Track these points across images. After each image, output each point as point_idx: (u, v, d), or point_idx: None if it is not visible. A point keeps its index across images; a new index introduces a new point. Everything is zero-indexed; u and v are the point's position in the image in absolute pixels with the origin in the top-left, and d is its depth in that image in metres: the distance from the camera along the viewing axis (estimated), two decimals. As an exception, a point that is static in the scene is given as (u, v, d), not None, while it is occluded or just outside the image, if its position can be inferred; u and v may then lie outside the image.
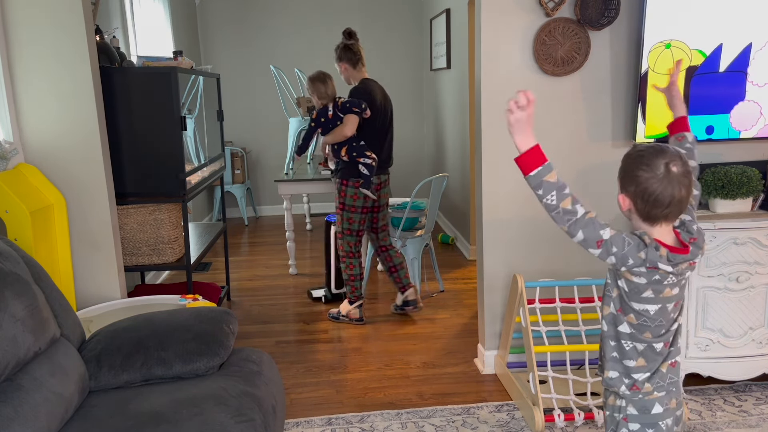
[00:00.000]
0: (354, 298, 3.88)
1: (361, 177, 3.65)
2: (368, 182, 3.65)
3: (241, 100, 6.94)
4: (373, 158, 3.64)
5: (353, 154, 3.63)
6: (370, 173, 3.64)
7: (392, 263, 3.94)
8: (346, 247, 3.82)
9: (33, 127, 2.72)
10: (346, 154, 3.65)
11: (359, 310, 3.88)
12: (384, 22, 6.96)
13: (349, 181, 3.69)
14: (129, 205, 3.13)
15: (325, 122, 3.68)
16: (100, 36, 3.05)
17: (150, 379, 2.05)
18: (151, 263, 3.21)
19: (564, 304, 2.81)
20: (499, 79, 2.93)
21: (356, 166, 3.65)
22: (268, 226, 6.70)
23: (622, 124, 3.03)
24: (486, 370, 3.17)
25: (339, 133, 3.61)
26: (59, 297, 2.06)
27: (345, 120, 3.61)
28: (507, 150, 3.00)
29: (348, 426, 2.69)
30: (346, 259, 3.84)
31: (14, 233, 2.47)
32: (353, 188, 3.69)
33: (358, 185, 3.67)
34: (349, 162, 3.66)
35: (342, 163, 3.71)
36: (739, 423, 2.63)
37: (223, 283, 4.69)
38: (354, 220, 3.76)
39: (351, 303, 3.88)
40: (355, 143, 3.64)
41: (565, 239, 3.11)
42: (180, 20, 5.96)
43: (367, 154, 3.64)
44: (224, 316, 2.27)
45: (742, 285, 2.78)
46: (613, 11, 2.83)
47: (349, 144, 3.63)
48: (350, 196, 3.71)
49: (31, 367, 1.78)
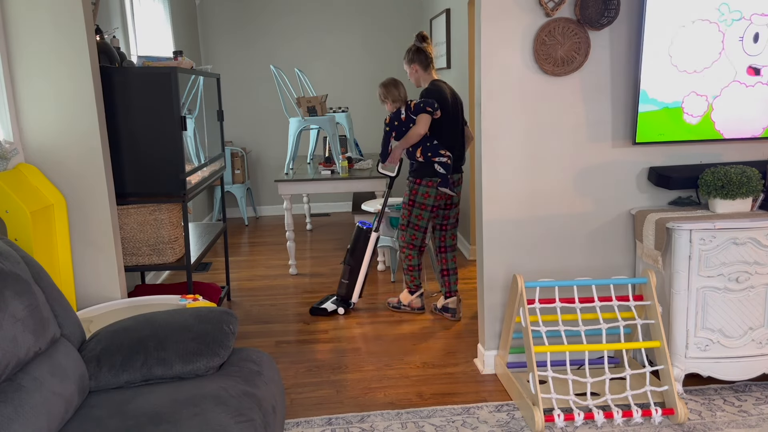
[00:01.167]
0: (414, 287, 4.01)
1: (437, 176, 3.73)
2: (446, 180, 3.72)
3: (241, 100, 6.95)
4: (447, 156, 3.71)
5: (428, 154, 3.71)
6: (446, 171, 3.72)
7: (446, 266, 4.01)
8: (409, 240, 3.91)
9: (33, 127, 2.72)
10: (422, 155, 3.72)
11: (420, 299, 4.02)
12: (384, 22, 6.96)
13: (422, 180, 3.76)
14: (129, 205, 3.13)
15: (399, 125, 3.77)
16: (100, 36, 3.05)
17: (150, 379, 2.05)
18: (151, 263, 3.21)
19: (564, 304, 2.81)
20: (499, 79, 2.93)
21: (431, 166, 3.72)
22: (268, 226, 6.70)
23: (622, 124, 3.03)
24: (486, 370, 3.17)
25: (413, 133, 3.67)
26: (59, 297, 2.06)
27: (417, 120, 3.68)
28: (507, 150, 3.00)
29: (348, 426, 2.69)
30: (406, 250, 3.94)
31: (14, 233, 2.47)
32: (426, 186, 3.76)
33: (431, 184, 3.75)
34: (424, 162, 3.74)
35: (416, 164, 3.78)
36: (738, 423, 2.63)
37: (223, 283, 4.69)
38: (423, 217, 3.84)
39: (412, 293, 4.01)
40: (429, 143, 3.72)
41: (565, 239, 3.11)
42: (180, 20, 5.96)
43: (442, 153, 3.71)
44: (224, 316, 2.27)
45: (742, 285, 2.78)
46: (613, 11, 2.84)
47: (423, 144, 3.71)
48: (422, 194, 3.78)
49: (32, 367, 1.79)
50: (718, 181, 2.83)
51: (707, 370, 2.85)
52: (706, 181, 2.87)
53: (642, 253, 2.99)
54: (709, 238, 2.73)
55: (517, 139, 2.99)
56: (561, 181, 3.05)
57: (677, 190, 3.10)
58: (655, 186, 3.07)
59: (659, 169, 3.02)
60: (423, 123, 3.66)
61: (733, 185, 2.81)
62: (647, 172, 3.08)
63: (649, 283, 2.78)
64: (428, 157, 3.71)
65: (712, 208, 2.91)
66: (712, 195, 2.87)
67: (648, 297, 2.80)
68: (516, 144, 2.99)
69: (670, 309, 2.84)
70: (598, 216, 3.10)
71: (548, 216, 3.08)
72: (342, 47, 6.97)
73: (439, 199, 3.82)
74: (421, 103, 3.71)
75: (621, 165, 3.06)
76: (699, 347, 2.84)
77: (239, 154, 6.59)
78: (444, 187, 3.72)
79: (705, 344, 2.83)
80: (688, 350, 2.84)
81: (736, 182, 2.81)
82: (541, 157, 3.02)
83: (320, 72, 6.97)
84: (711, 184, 2.86)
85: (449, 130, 3.79)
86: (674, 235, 2.77)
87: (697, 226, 2.72)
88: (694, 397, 2.86)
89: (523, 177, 3.03)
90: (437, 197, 3.79)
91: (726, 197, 2.84)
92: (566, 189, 3.06)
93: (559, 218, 3.08)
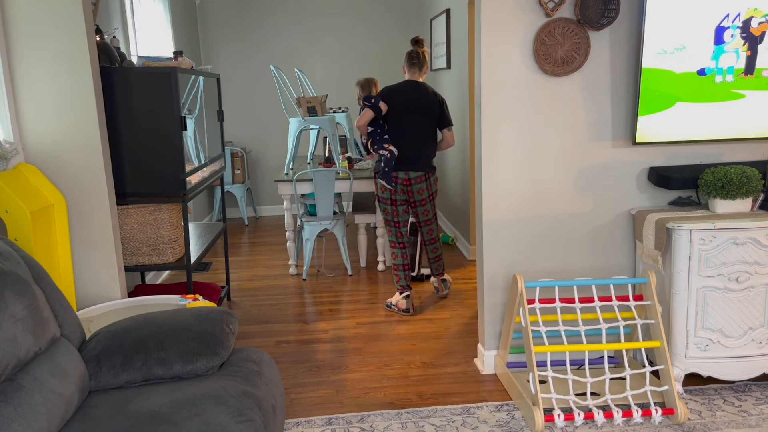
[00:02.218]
0: (401, 288, 4.04)
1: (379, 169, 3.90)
2: (384, 174, 3.81)
3: (241, 100, 6.95)
4: (389, 150, 3.80)
5: (375, 147, 3.89)
6: (386, 165, 3.79)
7: (430, 256, 4.22)
8: (389, 236, 4.09)
9: (33, 127, 2.72)
10: (370, 146, 3.94)
11: (406, 300, 3.97)
12: (384, 22, 6.96)
13: (378, 175, 3.94)
14: (129, 205, 3.13)
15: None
16: (100, 36, 3.05)
17: (150, 379, 2.05)
18: (151, 263, 3.21)
19: (564, 304, 2.81)
20: (499, 79, 2.93)
21: (380, 159, 3.92)
22: (268, 226, 6.70)
23: (622, 124, 3.03)
24: (486, 370, 3.17)
25: (357, 123, 3.95)
26: (59, 297, 2.06)
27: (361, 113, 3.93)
28: (507, 150, 3.00)
29: (348, 426, 2.69)
30: (391, 249, 4.09)
31: (14, 233, 2.47)
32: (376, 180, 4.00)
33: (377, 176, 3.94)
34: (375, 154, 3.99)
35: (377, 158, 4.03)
36: (738, 423, 2.63)
37: (223, 283, 4.69)
38: (388, 212, 3.99)
39: (400, 293, 4.03)
40: (378, 137, 3.87)
41: (565, 239, 3.11)
42: (180, 20, 5.96)
43: (385, 147, 3.82)
44: (224, 316, 2.27)
45: (742, 285, 2.78)
46: (613, 11, 2.84)
47: (373, 137, 3.90)
48: (379, 188, 3.99)
49: (32, 367, 1.79)
50: (718, 181, 2.83)
51: (707, 370, 2.85)
52: (706, 181, 2.87)
53: (642, 253, 2.99)
54: (709, 238, 2.74)
55: (517, 139, 2.99)
56: (561, 181, 3.05)
57: (677, 190, 3.10)
58: (655, 186, 3.07)
59: (659, 169, 3.02)
60: (362, 115, 3.89)
61: (733, 185, 2.81)
62: (647, 172, 3.08)
63: (649, 283, 2.79)
64: (375, 149, 3.89)
65: (712, 208, 2.91)
66: (712, 195, 2.88)
67: (648, 297, 2.80)
68: (516, 144, 2.99)
69: (670, 309, 2.84)
70: (598, 216, 3.10)
71: (548, 216, 3.08)
72: (342, 47, 6.97)
73: (393, 194, 3.91)
74: (364, 97, 3.93)
75: (621, 165, 3.06)
76: (699, 347, 2.84)
77: (239, 154, 6.59)
78: (383, 180, 3.84)
79: (705, 344, 2.83)
80: (688, 350, 2.84)
81: (736, 182, 2.81)
82: (541, 157, 3.02)
83: (320, 72, 6.97)
84: (711, 184, 2.86)
85: (400, 126, 3.87)
86: (674, 235, 2.77)
87: (697, 226, 2.72)
88: (694, 397, 2.86)
89: (523, 177, 3.03)
90: (392, 191, 3.91)
91: (726, 197, 2.84)
92: (566, 189, 3.06)
93: (559, 218, 3.09)
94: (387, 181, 3.84)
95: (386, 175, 3.82)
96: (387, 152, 3.79)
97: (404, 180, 3.88)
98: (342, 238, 4.82)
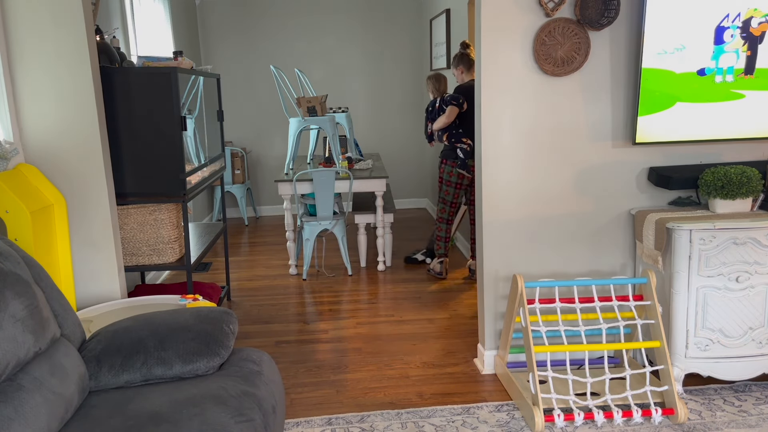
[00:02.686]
0: (440, 255, 4.72)
1: (458, 159, 4.45)
2: (464, 163, 4.44)
3: (241, 100, 6.95)
4: (468, 144, 4.43)
5: (452, 140, 4.47)
6: (465, 156, 4.43)
7: (473, 236, 4.72)
8: (439, 213, 4.69)
9: (33, 127, 2.72)
10: (447, 140, 4.49)
11: (441, 265, 4.70)
12: (384, 22, 6.96)
13: (448, 161, 4.53)
14: (129, 205, 3.13)
15: (432, 111, 4.57)
16: (100, 36, 3.05)
17: (150, 379, 2.05)
18: (151, 263, 3.21)
19: (564, 304, 2.81)
20: (499, 79, 2.93)
21: (455, 150, 4.47)
22: (268, 226, 6.71)
23: (622, 124, 3.03)
24: (486, 370, 3.17)
25: (441, 120, 4.43)
26: (59, 297, 2.06)
27: (447, 110, 4.40)
28: (507, 150, 3.00)
29: (348, 426, 2.69)
30: (437, 223, 4.71)
31: (14, 233, 2.47)
32: (450, 167, 4.51)
33: (454, 165, 4.48)
34: (449, 146, 4.49)
35: (444, 147, 4.55)
36: (738, 423, 2.63)
37: (223, 283, 4.69)
38: (449, 193, 4.59)
39: (437, 258, 4.73)
40: (455, 131, 4.46)
41: (565, 239, 3.11)
42: (180, 20, 5.96)
43: (464, 141, 4.43)
44: (224, 316, 2.27)
45: (742, 285, 2.78)
46: (613, 11, 2.84)
47: (450, 131, 4.48)
48: (447, 173, 4.55)
49: (32, 367, 1.79)
50: (718, 181, 2.83)
51: (707, 370, 2.85)
52: (706, 181, 2.87)
53: (642, 253, 2.99)
54: (709, 238, 2.74)
55: (516, 140, 2.99)
56: (561, 181, 3.05)
57: (677, 190, 3.10)
58: (655, 186, 3.07)
59: (659, 169, 3.02)
60: (449, 113, 4.38)
61: (733, 185, 2.81)
62: (647, 172, 3.08)
63: (649, 283, 2.79)
64: (452, 142, 4.46)
65: (712, 208, 2.91)
66: (712, 195, 2.88)
67: (648, 297, 2.80)
68: (516, 144, 3.00)
69: (670, 309, 2.84)
70: (598, 216, 3.10)
71: (548, 216, 3.08)
72: (342, 47, 6.97)
73: (461, 179, 4.51)
74: (449, 97, 4.43)
75: (621, 165, 3.06)
76: (699, 347, 2.84)
77: (239, 154, 6.59)
78: (462, 169, 4.45)
79: (705, 344, 2.83)
80: (688, 350, 2.84)
81: (736, 182, 2.81)
82: (541, 157, 3.02)
83: (320, 72, 6.97)
84: (711, 184, 2.86)
85: (471, 122, 4.40)
86: (674, 235, 2.77)
87: (697, 226, 2.72)
88: (694, 397, 2.86)
89: (523, 177, 3.03)
90: (459, 176, 4.50)
91: (726, 197, 2.84)
92: (566, 189, 3.06)
93: (559, 218, 3.09)
94: (466, 171, 4.45)
95: (465, 165, 4.44)
96: (466, 145, 4.42)
97: (473, 167, 4.47)
98: (342, 238, 4.83)
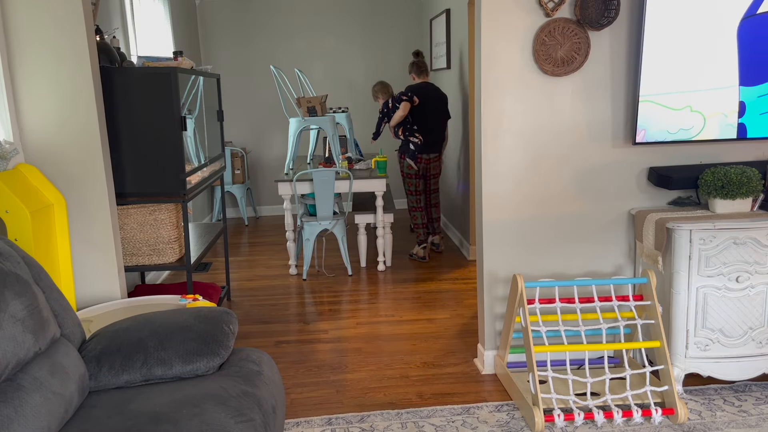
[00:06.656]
0: (420, 241, 5.19)
1: (409, 151, 4.94)
2: (413, 155, 4.92)
3: (241, 100, 6.95)
4: (419, 138, 4.92)
5: (407, 134, 4.96)
6: (415, 149, 4.92)
7: (431, 216, 5.30)
8: (410, 204, 5.17)
9: (33, 127, 2.72)
10: (402, 134, 4.98)
11: (423, 250, 5.16)
12: (384, 22, 6.96)
13: (404, 155, 5.01)
14: (129, 205, 3.13)
15: (387, 112, 5.02)
16: (100, 36, 3.05)
17: (150, 379, 2.05)
18: (151, 263, 3.21)
19: (564, 304, 2.81)
20: (499, 79, 2.93)
21: (408, 144, 4.96)
22: (268, 226, 6.70)
23: (622, 124, 3.03)
24: (486, 370, 3.17)
25: (398, 115, 4.89)
26: (59, 297, 2.06)
27: (401, 106, 4.87)
28: (507, 150, 3.00)
29: (348, 426, 2.69)
30: (411, 212, 5.18)
31: (14, 233, 2.47)
32: (403, 160, 5.01)
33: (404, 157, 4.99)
34: (404, 140, 4.98)
35: (401, 142, 5.03)
36: (738, 423, 2.63)
37: (223, 283, 4.69)
38: (411, 184, 5.07)
39: (419, 245, 5.19)
40: (408, 126, 4.95)
41: (565, 239, 3.11)
42: (180, 20, 5.96)
43: (416, 135, 4.93)
44: (224, 316, 2.27)
45: (742, 285, 2.78)
46: (613, 11, 2.84)
47: (404, 126, 4.96)
48: (406, 166, 5.03)
49: (32, 367, 1.79)
50: (718, 181, 2.83)
51: (707, 370, 2.85)
52: (706, 181, 2.87)
53: (642, 253, 2.99)
54: (709, 238, 2.74)
55: (516, 140, 2.99)
56: (561, 181, 3.05)
57: (677, 190, 3.10)
58: (655, 186, 3.07)
59: (659, 169, 3.02)
60: (403, 107, 4.88)
61: (733, 185, 2.81)
62: (647, 172, 3.08)
63: (649, 283, 2.79)
64: (406, 136, 4.96)
65: (712, 208, 2.91)
66: (712, 195, 2.87)
67: (648, 297, 2.80)
68: (516, 144, 3.00)
69: (670, 309, 2.84)
70: (598, 216, 3.10)
71: (548, 216, 3.08)
72: (342, 47, 6.97)
73: (418, 171, 5.00)
74: (399, 94, 4.94)
75: (621, 165, 3.06)
76: (699, 347, 2.84)
77: (239, 154, 6.59)
78: (411, 159, 4.95)
79: (705, 344, 2.83)
80: (688, 350, 2.84)
81: (736, 182, 2.81)
82: (541, 157, 3.02)
83: (320, 72, 6.97)
84: (711, 184, 2.86)
85: (425, 118, 4.96)
86: (674, 235, 2.77)
87: (697, 226, 2.72)
88: (694, 397, 2.86)
89: (523, 177, 3.03)
90: (417, 169, 4.98)
91: (726, 197, 2.84)
92: (566, 189, 3.06)
93: (559, 218, 3.09)
94: (414, 162, 4.94)
95: (414, 157, 4.93)
96: (417, 140, 4.90)
97: (426, 160, 5.06)
98: (342, 238, 4.83)
